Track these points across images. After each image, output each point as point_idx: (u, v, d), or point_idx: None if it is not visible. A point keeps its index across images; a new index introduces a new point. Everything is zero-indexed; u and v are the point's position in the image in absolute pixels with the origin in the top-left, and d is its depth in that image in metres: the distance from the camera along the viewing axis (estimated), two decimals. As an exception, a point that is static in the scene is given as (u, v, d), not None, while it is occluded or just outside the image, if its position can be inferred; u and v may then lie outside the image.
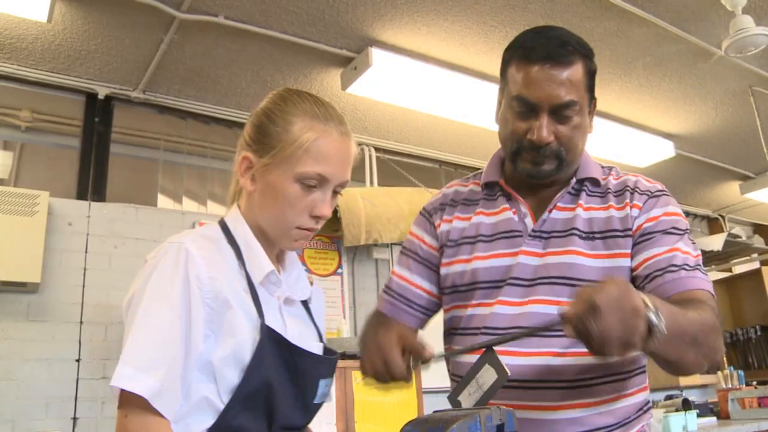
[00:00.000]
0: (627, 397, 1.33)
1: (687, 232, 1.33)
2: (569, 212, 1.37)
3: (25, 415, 2.98)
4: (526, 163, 1.35)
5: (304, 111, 1.21)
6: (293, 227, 1.21)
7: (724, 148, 5.09)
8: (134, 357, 1.04)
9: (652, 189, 1.38)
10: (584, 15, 3.24)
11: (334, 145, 1.21)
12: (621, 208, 1.35)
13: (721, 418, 4.23)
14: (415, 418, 1.02)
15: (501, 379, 1.10)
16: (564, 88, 1.29)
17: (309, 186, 1.18)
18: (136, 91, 3.67)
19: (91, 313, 3.26)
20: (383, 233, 4.00)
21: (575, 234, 1.33)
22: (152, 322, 1.07)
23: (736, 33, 3.10)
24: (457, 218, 1.49)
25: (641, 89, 4.05)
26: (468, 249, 1.43)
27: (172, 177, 3.97)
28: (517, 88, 1.33)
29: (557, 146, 1.32)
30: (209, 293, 1.11)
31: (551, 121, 1.30)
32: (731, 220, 6.77)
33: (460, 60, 3.58)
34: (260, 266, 1.20)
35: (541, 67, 1.29)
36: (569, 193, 1.40)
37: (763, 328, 5.74)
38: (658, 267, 1.26)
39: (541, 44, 1.32)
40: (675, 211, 1.35)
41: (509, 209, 1.42)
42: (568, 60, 1.30)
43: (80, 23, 3.06)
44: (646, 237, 1.30)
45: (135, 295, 1.12)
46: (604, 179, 1.42)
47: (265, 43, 3.32)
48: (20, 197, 3.08)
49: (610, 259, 1.31)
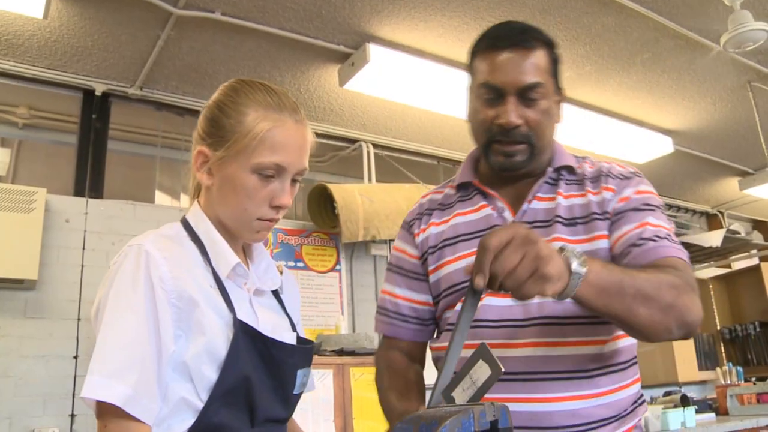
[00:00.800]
0: (624, 389, 1.34)
1: (658, 207, 1.35)
2: (550, 202, 1.39)
3: (23, 412, 2.98)
4: (497, 155, 1.37)
5: (256, 101, 1.19)
6: (254, 219, 1.20)
7: (722, 144, 5.09)
8: (102, 365, 1.02)
9: (624, 172, 1.40)
10: (582, 10, 3.24)
11: (289, 134, 1.19)
12: (597, 193, 1.37)
13: (720, 415, 4.23)
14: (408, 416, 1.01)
15: (495, 375, 1.09)
16: (528, 71, 1.32)
17: (266, 176, 1.17)
18: (134, 88, 3.67)
19: (88, 310, 3.21)
20: (381, 229, 3.99)
21: (559, 222, 1.35)
22: (118, 328, 1.06)
23: (735, 28, 3.09)
24: (433, 224, 1.50)
25: (640, 85, 4.05)
26: (450, 250, 1.43)
27: (169, 173, 3.97)
28: (484, 76, 1.35)
29: (526, 130, 1.34)
30: (173, 293, 1.10)
31: (519, 105, 1.33)
32: (730, 216, 6.77)
33: (458, 56, 3.58)
34: (226, 260, 1.19)
35: (505, 53, 1.33)
36: (547, 183, 1.41)
37: (762, 324, 5.75)
38: (629, 243, 1.28)
39: (504, 33, 1.37)
40: (646, 189, 1.37)
41: (487, 206, 1.43)
42: (531, 45, 1.34)
43: (76, 19, 3.05)
44: (619, 216, 1.33)
45: (100, 303, 1.10)
46: (579, 167, 1.44)
47: (262, 40, 3.31)
48: (17, 194, 3.08)
49: (590, 242, 1.32)
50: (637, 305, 1.11)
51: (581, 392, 1.28)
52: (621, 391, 1.33)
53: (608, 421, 1.29)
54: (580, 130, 4.38)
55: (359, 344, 3.48)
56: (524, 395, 1.28)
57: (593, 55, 3.66)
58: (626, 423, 1.33)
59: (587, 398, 1.28)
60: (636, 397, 1.37)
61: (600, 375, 1.30)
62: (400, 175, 4.52)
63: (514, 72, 1.32)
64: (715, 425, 3.79)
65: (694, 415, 3.75)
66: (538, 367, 1.28)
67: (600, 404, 1.29)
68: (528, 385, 1.28)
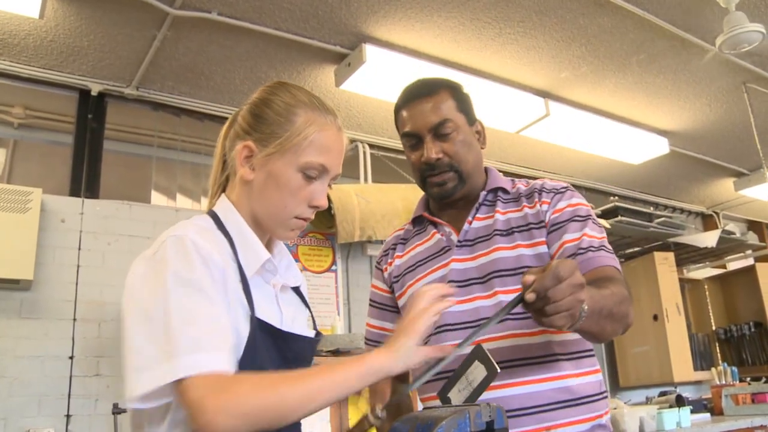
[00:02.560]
0: (581, 376, 1.47)
1: (589, 217, 1.52)
2: (489, 219, 1.58)
3: (18, 412, 2.98)
4: (433, 188, 1.59)
5: (304, 103, 1.24)
6: (292, 216, 1.22)
7: (718, 145, 5.11)
8: (192, 343, 1.01)
9: (557, 187, 1.59)
10: (578, 11, 3.24)
11: (334, 138, 1.25)
12: (532, 207, 1.56)
13: (715, 415, 4.24)
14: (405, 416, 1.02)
15: (491, 376, 1.10)
16: (435, 111, 1.54)
17: (310, 177, 1.21)
18: (130, 88, 3.66)
19: (84, 311, 3.26)
20: (377, 230, 3.99)
21: (497, 234, 1.54)
22: (189, 307, 1.04)
23: (730, 30, 3.10)
24: (397, 257, 1.73)
25: (635, 86, 4.06)
26: (410, 276, 1.65)
27: (165, 174, 3.96)
28: (403, 128, 1.60)
29: (448, 161, 1.55)
30: (221, 274, 1.11)
31: (435, 143, 1.54)
32: (725, 217, 6.79)
33: (454, 56, 3.58)
34: (256, 255, 1.20)
35: (414, 103, 1.57)
36: (484, 204, 1.61)
37: (756, 325, 5.76)
38: (569, 252, 1.45)
39: (410, 89, 1.62)
40: (578, 201, 1.55)
41: (437, 233, 1.65)
42: (431, 92, 1.57)
43: (73, 19, 3.05)
44: (557, 226, 1.50)
45: (155, 292, 1.07)
46: (513, 187, 1.63)
47: (258, 40, 3.31)
48: (13, 194, 3.07)
49: (529, 248, 1.51)
50: (605, 322, 1.29)
51: (538, 376, 1.42)
52: (578, 377, 1.46)
53: (564, 404, 1.42)
54: (575, 131, 4.39)
55: (355, 344, 3.48)
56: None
57: (589, 56, 3.67)
58: (584, 413, 1.44)
59: (543, 382, 1.42)
60: (597, 388, 1.50)
61: (557, 361, 1.44)
62: (396, 176, 4.52)
63: (424, 116, 1.55)
64: (710, 425, 3.80)
65: (689, 415, 3.76)
66: (504, 356, 1.41)
67: (558, 388, 1.42)
68: None
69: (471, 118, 1.62)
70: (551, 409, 1.41)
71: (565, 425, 1.41)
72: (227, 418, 0.97)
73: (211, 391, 0.98)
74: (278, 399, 1.01)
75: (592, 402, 1.46)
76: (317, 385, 1.04)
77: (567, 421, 1.41)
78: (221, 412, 0.97)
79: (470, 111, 1.62)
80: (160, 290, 1.06)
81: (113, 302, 3.33)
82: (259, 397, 1.00)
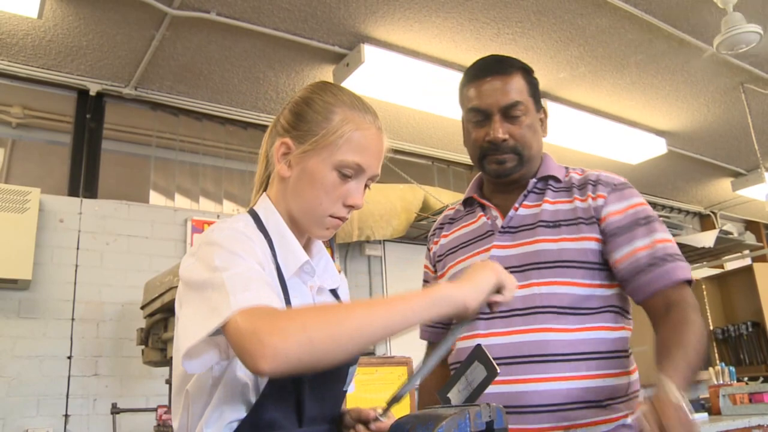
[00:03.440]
0: (608, 377, 1.42)
1: (654, 218, 1.48)
2: (536, 208, 1.55)
3: (17, 412, 2.98)
4: (491, 164, 1.56)
5: (343, 101, 1.22)
6: (326, 215, 1.21)
7: (715, 145, 5.12)
8: (240, 285, 0.99)
9: (615, 181, 1.53)
10: (576, 12, 3.25)
11: (372, 138, 1.23)
12: (584, 200, 1.52)
13: (712, 414, 4.25)
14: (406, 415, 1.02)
15: (490, 376, 1.10)
16: (508, 92, 1.52)
17: (346, 175, 1.19)
18: (128, 88, 3.66)
19: (82, 310, 3.26)
20: (375, 230, 4.00)
21: (541, 225, 1.51)
22: (237, 268, 1.02)
23: (728, 30, 3.11)
24: (443, 236, 1.73)
25: (633, 86, 4.06)
26: (452, 258, 1.64)
27: (164, 173, 3.96)
28: (471, 103, 1.57)
29: (513, 143, 1.53)
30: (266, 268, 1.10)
31: (503, 122, 1.52)
32: (723, 217, 6.80)
33: (452, 56, 3.59)
34: (295, 257, 1.19)
35: (487, 80, 1.55)
36: (534, 192, 1.58)
37: (754, 325, 5.77)
38: (644, 262, 1.42)
39: (485, 64, 1.59)
40: (638, 200, 1.50)
41: (484, 216, 1.63)
42: (508, 71, 1.55)
43: (71, 19, 3.05)
44: (622, 230, 1.46)
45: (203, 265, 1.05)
46: (566, 176, 1.61)
47: (257, 40, 3.31)
48: (11, 194, 3.08)
49: (576, 242, 1.47)
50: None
51: (563, 374, 1.38)
52: (605, 378, 1.41)
53: (587, 405, 1.38)
54: (574, 131, 4.40)
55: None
56: (502, 377, 1.34)
57: (587, 56, 3.67)
58: (609, 413, 1.40)
59: (567, 380, 1.38)
60: (625, 390, 1.45)
61: (584, 360, 1.40)
62: (394, 176, 4.52)
63: (495, 94, 1.52)
64: (707, 425, 3.80)
65: (686, 414, 3.76)
66: (522, 351, 1.40)
67: (580, 387, 1.38)
68: (505, 368, 1.37)
69: (539, 104, 1.61)
70: (572, 409, 1.37)
71: (587, 425, 1.37)
72: (283, 336, 0.91)
73: (263, 319, 0.93)
74: (336, 324, 0.95)
75: (619, 403, 1.42)
76: (379, 311, 0.98)
77: (589, 421, 1.38)
78: (276, 332, 0.91)
79: (539, 96, 1.61)
80: (206, 263, 1.04)
81: (112, 302, 3.33)
82: (316, 321, 0.94)
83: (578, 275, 1.45)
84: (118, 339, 3.32)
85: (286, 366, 0.91)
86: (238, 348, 0.94)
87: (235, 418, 1.08)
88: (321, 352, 0.93)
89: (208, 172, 4.08)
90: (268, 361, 0.90)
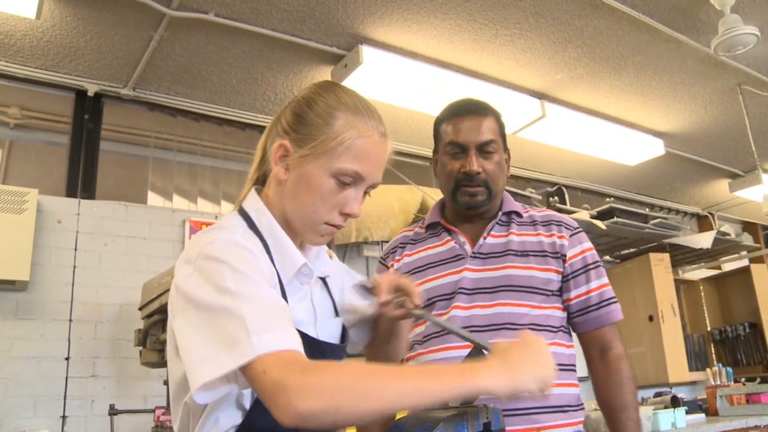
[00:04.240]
0: (562, 386, 1.63)
1: (599, 263, 1.77)
2: (503, 238, 1.76)
3: (14, 413, 2.97)
4: (464, 196, 1.74)
5: (347, 106, 1.18)
6: (322, 222, 1.18)
7: (713, 146, 5.12)
8: (261, 323, 0.97)
9: (573, 225, 1.80)
10: (574, 13, 3.25)
11: (374, 146, 1.18)
12: (549, 236, 1.75)
13: (710, 415, 4.25)
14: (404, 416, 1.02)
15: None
16: (483, 131, 1.73)
17: (344, 183, 1.16)
18: (126, 88, 3.66)
19: (80, 311, 3.25)
20: (373, 231, 4.00)
21: (510, 254, 1.72)
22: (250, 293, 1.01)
23: (725, 32, 3.11)
24: (406, 255, 1.86)
25: (631, 87, 4.07)
26: (420, 276, 1.78)
27: (162, 174, 3.96)
28: (450, 137, 1.76)
29: (485, 177, 1.72)
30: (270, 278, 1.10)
31: (478, 157, 1.72)
32: (720, 218, 6.81)
33: (450, 58, 3.59)
34: (292, 260, 1.18)
35: (465, 118, 1.75)
36: (498, 224, 1.78)
37: (751, 326, 5.78)
38: (594, 302, 1.73)
39: (462, 104, 1.81)
40: (589, 245, 1.78)
41: (451, 240, 1.81)
42: (485, 113, 1.77)
43: (69, 20, 3.05)
44: (578, 272, 1.73)
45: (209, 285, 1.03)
46: (526, 212, 1.82)
47: (255, 41, 3.31)
48: (9, 195, 3.07)
49: (543, 271, 1.70)
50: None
51: None
52: (559, 387, 1.60)
53: (550, 410, 1.58)
54: (571, 132, 4.40)
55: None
56: None
57: (585, 58, 3.68)
58: (568, 419, 1.62)
59: None
60: (576, 400, 1.69)
61: None
62: (392, 177, 4.52)
63: (473, 132, 1.73)
64: (705, 426, 3.81)
65: (684, 415, 3.77)
66: None
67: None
68: None
69: (505, 145, 1.82)
70: (540, 413, 1.57)
71: (553, 427, 1.58)
72: (311, 397, 0.90)
73: (292, 370, 0.93)
74: (366, 399, 0.93)
75: (573, 411, 1.65)
76: (412, 388, 0.94)
77: (554, 423, 1.58)
78: (305, 391, 0.90)
79: (505, 139, 1.83)
80: (214, 282, 1.02)
81: (109, 303, 3.33)
82: (348, 392, 0.92)
83: (541, 300, 1.68)
84: (115, 340, 3.31)
85: (307, 425, 0.92)
86: (262, 394, 0.95)
87: (231, 424, 1.08)
88: (343, 419, 0.93)
89: (206, 173, 4.08)
90: (292, 419, 0.91)
